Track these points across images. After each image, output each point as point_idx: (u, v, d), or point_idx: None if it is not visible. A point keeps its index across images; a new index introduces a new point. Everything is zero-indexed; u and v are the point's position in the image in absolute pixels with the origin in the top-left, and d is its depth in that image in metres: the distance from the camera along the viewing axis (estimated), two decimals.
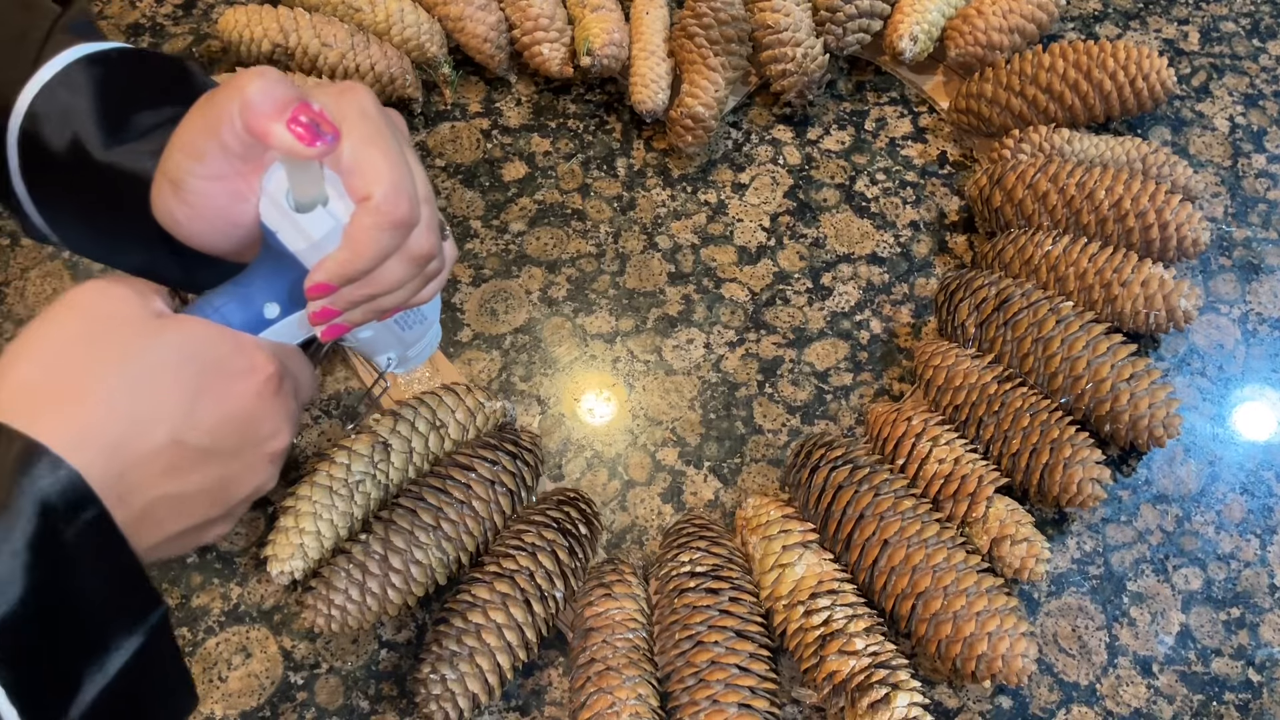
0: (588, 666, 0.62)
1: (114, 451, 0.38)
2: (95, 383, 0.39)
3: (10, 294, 0.80)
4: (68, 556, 0.37)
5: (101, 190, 0.47)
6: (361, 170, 0.42)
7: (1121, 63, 0.82)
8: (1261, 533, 0.71)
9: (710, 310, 0.81)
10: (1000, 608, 0.62)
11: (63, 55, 0.47)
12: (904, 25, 0.87)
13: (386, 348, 0.53)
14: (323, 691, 0.65)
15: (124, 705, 0.39)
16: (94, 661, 0.38)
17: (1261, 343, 0.79)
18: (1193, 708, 0.66)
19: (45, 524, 0.36)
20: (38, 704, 0.36)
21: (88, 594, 0.38)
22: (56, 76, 0.47)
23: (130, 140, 0.46)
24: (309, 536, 0.64)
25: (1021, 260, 0.76)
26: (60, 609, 0.37)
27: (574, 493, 0.69)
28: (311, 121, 0.40)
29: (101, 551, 0.38)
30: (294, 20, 0.85)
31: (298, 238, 0.43)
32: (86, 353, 0.39)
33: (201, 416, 0.41)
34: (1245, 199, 0.86)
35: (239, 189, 0.44)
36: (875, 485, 0.66)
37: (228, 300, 0.44)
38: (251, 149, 0.42)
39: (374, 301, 0.45)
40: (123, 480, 0.39)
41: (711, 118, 0.84)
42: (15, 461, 0.36)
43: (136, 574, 0.39)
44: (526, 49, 0.89)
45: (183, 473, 0.41)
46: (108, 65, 0.48)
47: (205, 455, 0.41)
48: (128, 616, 0.39)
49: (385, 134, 0.43)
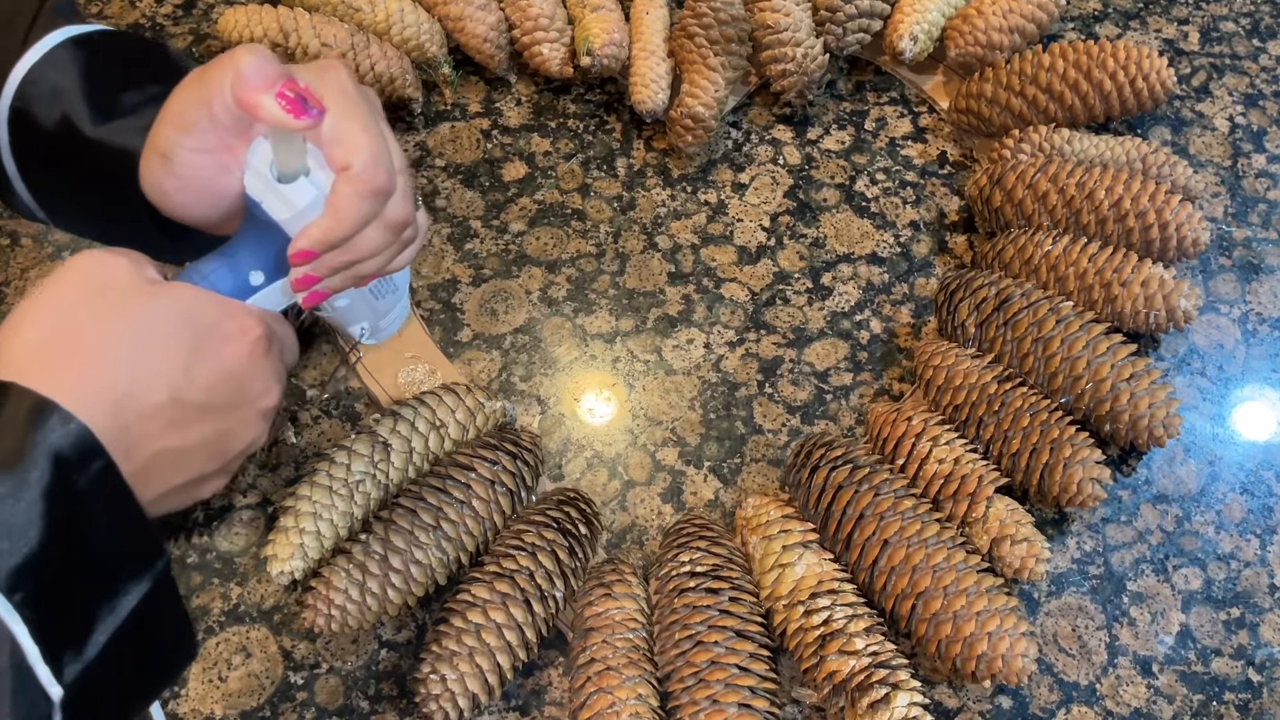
0: (588, 666, 0.62)
1: (118, 407, 0.41)
2: (99, 343, 0.41)
3: (10, 294, 0.80)
4: (81, 505, 0.39)
5: (90, 166, 0.50)
6: (342, 142, 0.45)
7: (1121, 63, 0.82)
8: (1261, 533, 0.71)
9: (710, 310, 0.81)
10: (1000, 608, 0.62)
11: (49, 37, 0.50)
12: (904, 25, 0.87)
13: (361, 317, 0.55)
14: (323, 691, 0.65)
15: (132, 648, 0.42)
16: (106, 603, 0.40)
17: (1261, 343, 0.79)
18: (1193, 708, 0.66)
19: (59, 474, 0.38)
20: (57, 642, 0.38)
21: (99, 540, 0.40)
22: (44, 57, 0.49)
23: (117, 117, 0.49)
24: (309, 536, 0.64)
25: (1021, 260, 0.76)
26: (75, 553, 0.39)
27: (574, 493, 0.69)
28: (298, 96, 0.43)
29: (110, 500, 0.40)
30: (294, 20, 0.85)
31: (281, 207, 0.46)
32: (89, 316, 0.42)
33: (198, 374, 0.43)
34: (1245, 199, 0.86)
35: (225, 161, 0.46)
36: (875, 485, 0.66)
37: (216, 268, 0.47)
38: (240, 122, 0.45)
39: (353, 268, 0.48)
40: (127, 433, 0.41)
41: (711, 118, 0.84)
42: (28, 415, 0.38)
43: (142, 522, 0.42)
44: (526, 49, 0.89)
45: (182, 427, 0.43)
46: (92, 46, 0.50)
47: (202, 411, 0.44)
48: (136, 562, 0.41)
49: (363, 108, 0.46)
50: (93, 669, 0.39)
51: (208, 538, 0.70)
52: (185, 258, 0.49)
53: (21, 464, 0.37)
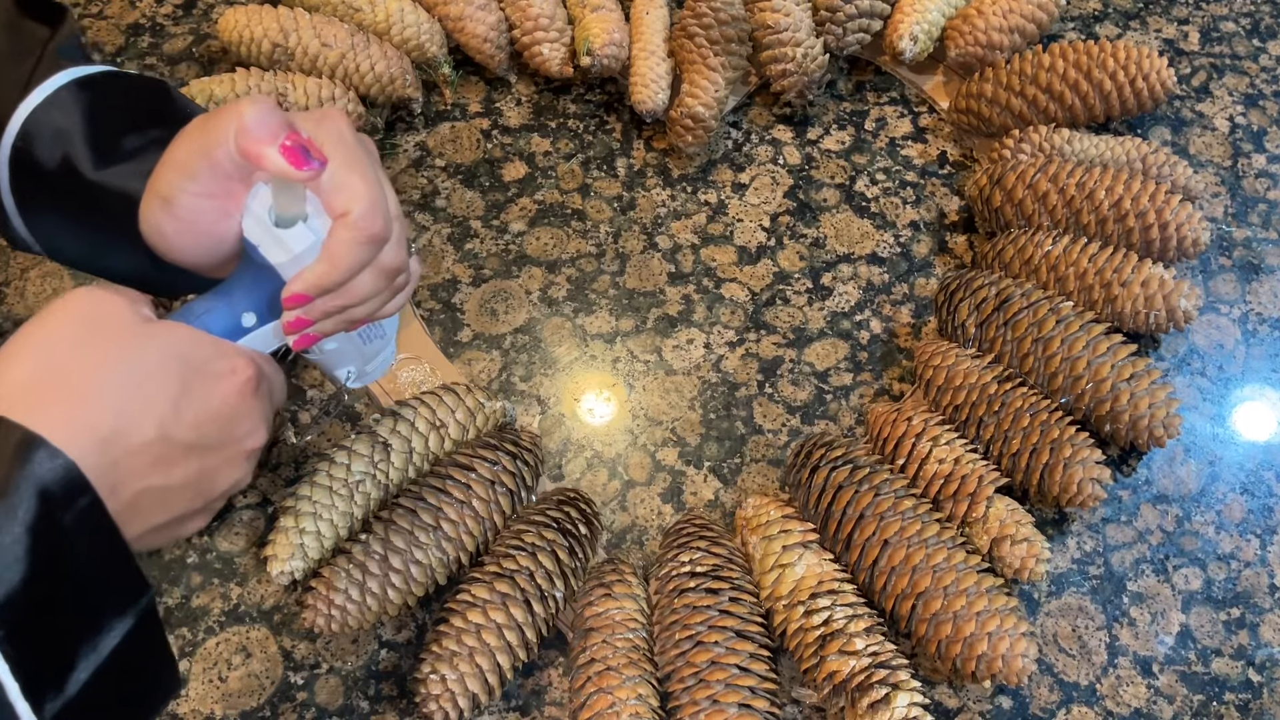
0: (588, 666, 0.62)
1: (106, 444, 0.41)
2: (89, 380, 0.41)
3: (10, 294, 0.80)
4: (66, 541, 0.39)
5: (90, 206, 0.50)
6: (341, 189, 0.46)
7: (1121, 63, 0.82)
8: (1261, 533, 0.71)
9: (710, 310, 0.81)
10: (1000, 608, 0.62)
11: (53, 79, 0.51)
12: (904, 25, 0.87)
13: (348, 361, 0.56)
14: (323, 691, 0.65)
15: (115, 683, 0.42)
16: (89, 641, 0.40)
17: (1261, 343, 0.79)
18: (1193, 708, 0.66)
19: (44, 509, 0.38)
20: (38, 680, 0.38)
21: (83, 577, 0.40)
22: (48, 99, 0.50)
23: (119, 161, 0.50)
24: (309, 536, 0.64)
25: (1021, 260, 0.76)
26: (58, 590, 0.39)
27: (574, 493, 0.69)
28: (300, 146, 0.44)
29: (95, 537, 0.40)
30: (294, 20, 0.85)
31: (278, 251, 0.47)
32: (81, 352, 0.42)
33: (187, 412, 0.43)
34: (1245, 199, 0.86)
35: (225, 207, 0.47)
36: (875, 485, 0.66)
37: (210, 308, 0.48)
38: (241, 169, 0.46)
39: (345, 312, 0.49)
40: (115, 470, 0.41)
41: (711, 118, 0.84)
42: (15, 450, 0.38)
43: (127, 559, 0.42)
44: (526, 49, 0.89)
45: (168, 465, 0.43)
46: (94, 89, 0.51)
47: (189, 450, 0.44)
48: (120, 599, 0.42)
49: (361, 157, 0.47)
50: (73, 705, 0.39)
51: (208, 538, 0.70)
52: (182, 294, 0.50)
53: (7, 499, 0.37)
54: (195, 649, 0.66)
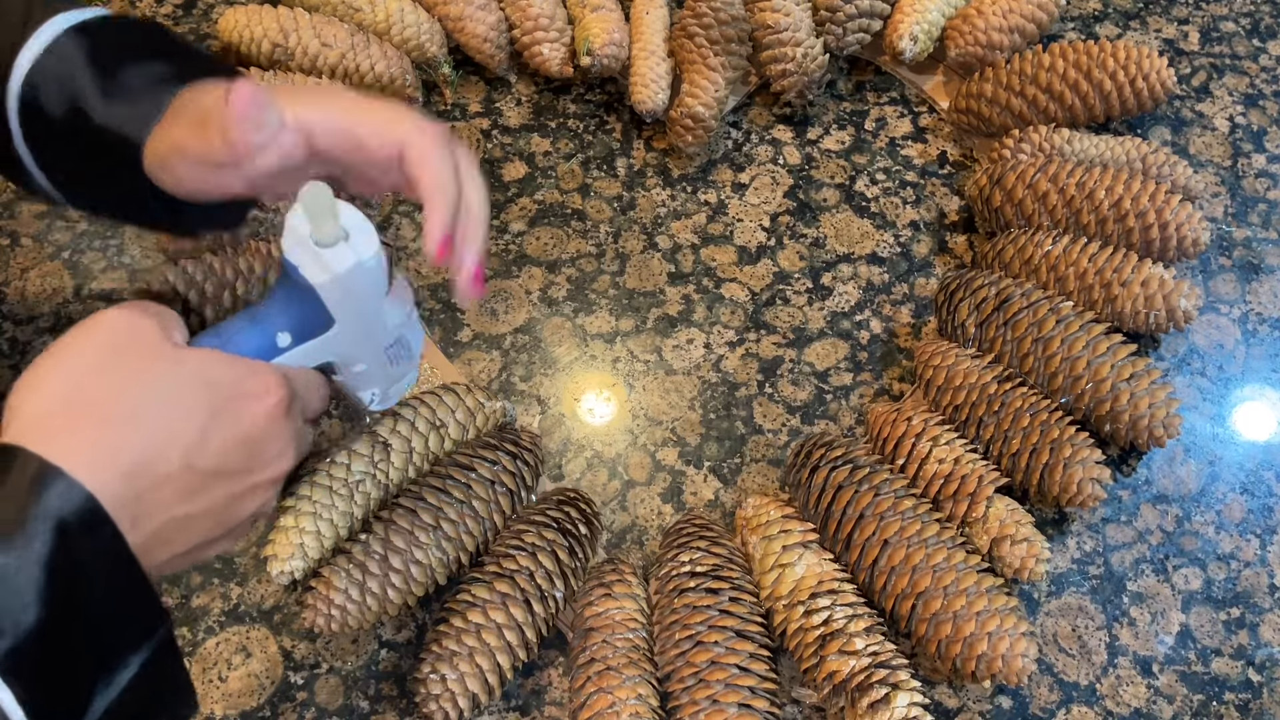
0: (588, 666, 0.62)
1: (130, 476, 0.40)
2: (114, 407, 0.40)
3: (10, 294, 0.79)
4: (83, 575, 0.38)
5: (97, 150, 0.50)
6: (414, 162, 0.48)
7: (1121, 63, 0.82)
8: (1261, 533, 0.71)
9: (710, 310, 0.81)
10: (1000, 608, 0.62)
11: (50, 25, 0.51)
12: (904, 25, 0.87)
13: (374, 383, 0.55)
14: (323, 691, 0.65)
15: (129, 715, 0.41)
16: (104, 678, 0.39)
17: (1261, 343, 0.79)
18: (1193, 708, 0.66)
19: (60, 543, 0.37)
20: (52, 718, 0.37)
21: (100, 613, 0.39)
22: (49, 48, 0.50)
23: (124, 99, 0.50)
24: (309, 536, 0.64)
25: (1021, 260, 0.76)
26: (74, 628, 0.38)
27: (574, 493, 0.69)
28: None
29: (114, 571, 0.39)
30: (294, 20, 0.85)
31: (319, 271, 0.46)
32: (106, 378, 0.41)
33: (214, 438, 0.43)
34: (1245, 199, 0.86)
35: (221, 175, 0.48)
36: (875, 485, 0.66)
37: (241, 329, 0.47)
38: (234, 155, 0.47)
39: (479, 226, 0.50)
40: (138, 503, 0.40)
41: (711, 118, 0.84)
42: (31, 482, 0.37)
43: (146, 592, 0.41)
44: (526, 49, 0.89)
45: (192, 495, 0.42)
46: (93, 33, 0.51)
47: (214, 477, 0.43)
48: (136, 633, 0.40)
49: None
50: None
51: None
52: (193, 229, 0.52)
53: (22, 533, 0.36)
54: (195, 649, 0.66)
